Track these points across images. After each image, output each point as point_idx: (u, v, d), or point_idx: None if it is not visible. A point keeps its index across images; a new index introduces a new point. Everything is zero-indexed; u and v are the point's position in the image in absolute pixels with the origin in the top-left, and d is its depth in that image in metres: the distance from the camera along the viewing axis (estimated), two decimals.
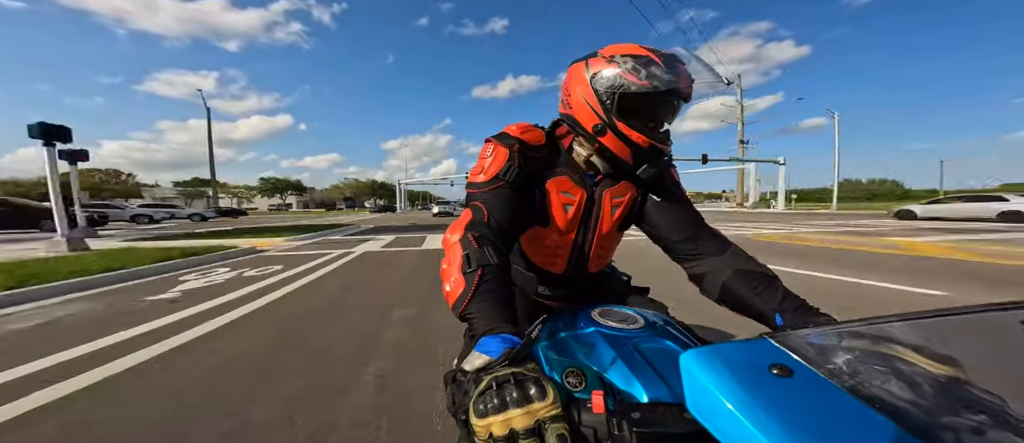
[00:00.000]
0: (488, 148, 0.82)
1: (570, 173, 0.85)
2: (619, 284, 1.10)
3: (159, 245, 7.53)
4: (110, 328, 2.90)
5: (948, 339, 0.43)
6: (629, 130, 0.75)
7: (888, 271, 4.74)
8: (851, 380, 0.36)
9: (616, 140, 0.77)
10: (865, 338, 0.44)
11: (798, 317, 0.67)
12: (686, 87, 0.73)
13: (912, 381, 0.35)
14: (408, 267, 5.72)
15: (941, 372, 0.36)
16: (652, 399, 0.53)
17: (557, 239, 0.90)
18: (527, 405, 0.41)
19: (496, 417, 0.41)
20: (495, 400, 0.42)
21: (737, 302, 0.76)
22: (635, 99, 0.74)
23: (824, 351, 0.42)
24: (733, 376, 0.38)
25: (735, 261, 0.79)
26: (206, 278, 4.92)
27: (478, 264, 0.62)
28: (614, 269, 1.16)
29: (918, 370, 0.37)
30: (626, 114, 0.75)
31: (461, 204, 60.57)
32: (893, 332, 0.44)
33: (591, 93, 0.77)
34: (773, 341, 0.43)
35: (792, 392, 0.35)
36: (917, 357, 0.38)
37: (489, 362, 0.47)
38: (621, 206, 0.87)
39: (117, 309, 3.52)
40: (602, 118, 0.76)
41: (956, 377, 0.36)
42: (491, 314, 0.57)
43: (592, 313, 0.77)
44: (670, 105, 0.78)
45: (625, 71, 0.72)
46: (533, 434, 0.39)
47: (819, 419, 0.32)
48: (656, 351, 0.64)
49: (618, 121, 0.75)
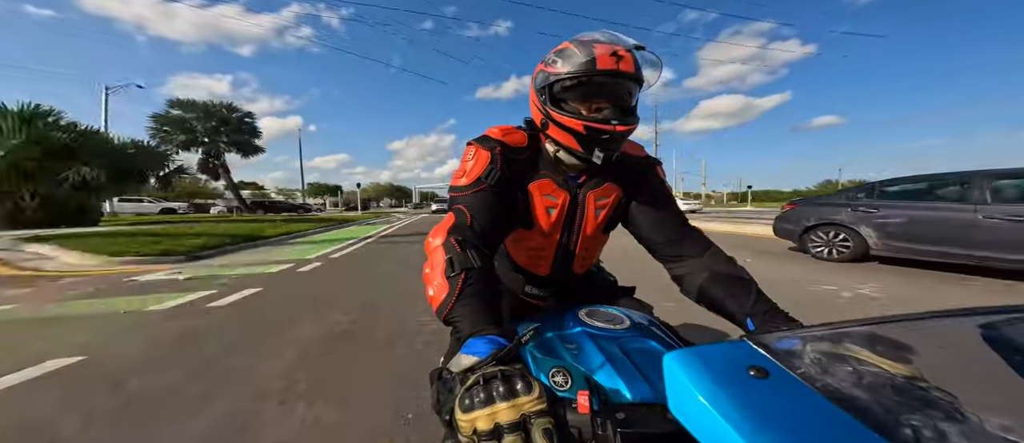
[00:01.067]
0: (470, 151, 0.83)
1: (553, 175, 0.85)
2: (605, 284, 1.12)
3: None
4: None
5: (909, 343, 0.46)
6: (564, 118, 0.76)
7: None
8: (822, 381, 0.38)
9: (557, 130, 0.79)
10: (835, 342, 0.47)
11: (768, 320, 0.68)
12: (607, 65, 0.71)
13: (876, 382, 0.38)
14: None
15: (902, 373, 0.39)
16: (637, 399, 0.55)
17: (541, 241, 0.91)
18: (513, 399, 0.41)
19: (482, 411, 0.41)
20: (482, 394, 0.42)
21: (713, 303, 0.78)
22: (561, 88, 0.77)
23: (798, 354, 0.44)
24: (712, 377, 0.39)
25: (713, 262, 0.81)
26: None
27: (461, 268, 0.62)
28: (601, 269, 1.18)
29: (881, 372, 0.39)
30: (559, 104, 0.78)
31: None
32: (860, 336, 0.47)
33: (533, 93, 0.84)
34: (751, 343, 0.45)
35: (767, 393, 0.37)
36: (881, 359, 0.41)
37: (476, 362, 0.47)
38: (605, 208, 0.88)
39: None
40: (542, 112, 0.80)
41: (915, 378, 0.39)
42: (476, 316, 0.57)
43: (579, 313, 0.78)
44: (599, 85, 0.75)
45: (546, 65, 0.79)
46: (518, 428, 0.40)
47: (792, 418, 0.34)
48: (641, 351, 0.66)
49: (552, 111, 0.78)
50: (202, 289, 4.16)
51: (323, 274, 5.28)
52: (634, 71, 0.74)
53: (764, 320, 0.69)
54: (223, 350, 2.47)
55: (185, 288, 4.25)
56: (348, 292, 4.13)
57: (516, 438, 0.39)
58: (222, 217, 23.65)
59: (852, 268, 4.98)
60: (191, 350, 2.46)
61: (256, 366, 2.21)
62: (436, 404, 0.46)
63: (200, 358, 2.33)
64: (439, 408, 0.45)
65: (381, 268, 5.68)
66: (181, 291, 4.08)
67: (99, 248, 6.45)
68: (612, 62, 0.72)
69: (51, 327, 2.97)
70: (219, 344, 2.56)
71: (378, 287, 4.34)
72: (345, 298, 3.84)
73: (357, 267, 5.79)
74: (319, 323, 2.99)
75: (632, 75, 0.74)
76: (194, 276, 4.95)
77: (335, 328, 2.88)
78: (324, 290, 4.25)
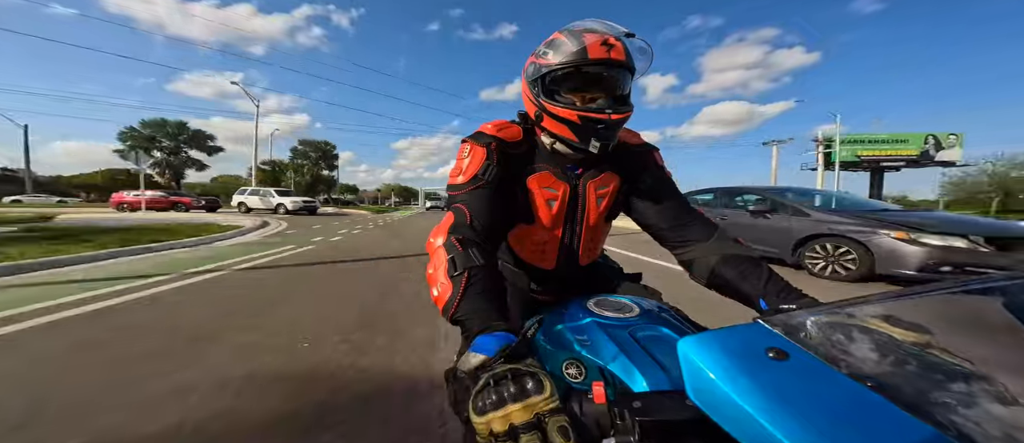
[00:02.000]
0: (465, 149, 0.81)
1: (551, 167, 0.84)
2: (611, 273, 1.11)
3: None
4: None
5: (932, 317, 0.45)
6: (558, 109, 0.75)
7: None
8: (844, 359, 0.37)
9: (552, 122, 0.78)
10: (854, 319, 0.45)
11: (781, 300, 0.68)
12: (599, 54, 0.71)
13: (902, 359, 0.37)
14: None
15: (928, 349, 0.38)
16: (652, 387, 0.54)
17: (544, 235, 0.90)
18: (524, 399, 0.41)
19: (495, 413, 0.41)
20: (493, 396, 0.42)
21: (725, 286, 0.77)
22: (552, 79, 0.76)
23: (817, 333, 0.43)
24: (731, 361, 0.38)
25: (722, 246, 0.80)
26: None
27: (464, 267, 0.61)
28: (606, 258, 1.17)
29: (907, 348, 0.38)
30: (552, 95, 0.77)
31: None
32: (879, 312, 0.46)
33: (525, 86, 0.83)
34: (767, 325, 0.44)
35: (789, 374, 0.36)
36: (905, 334, 0.40)
37: (485, 360, 0.46)
38: (606, 197, 0.86)
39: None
40: (536, 105, 0.79)
41: (942, 352, 0.37)
42: (483, 314, 0.57)
43: (588, 303, 0.77)
44: (592, 74, 0.74)
45: (537, 57, 0.78)
46: (534, 428, 0.39)
47: (817, 400, 0.33)
48: (653, 338, 0.65)
49: (546, 103, 0.77)
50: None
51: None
52: (625, 59, 0.73)
53: (778, 299, 0.68)
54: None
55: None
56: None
57: (532, 437, 0.38)
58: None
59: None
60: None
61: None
62: (453, 403, 0.46)
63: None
64: (456, 408, 0.45)
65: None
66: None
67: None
68: (603, 51, 0.71)
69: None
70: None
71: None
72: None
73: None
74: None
75: (623, 63, 0.73)
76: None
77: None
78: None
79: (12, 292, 3.36)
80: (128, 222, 10.32)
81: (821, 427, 0.30)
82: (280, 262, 5.33)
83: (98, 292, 3.38)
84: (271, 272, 4.66)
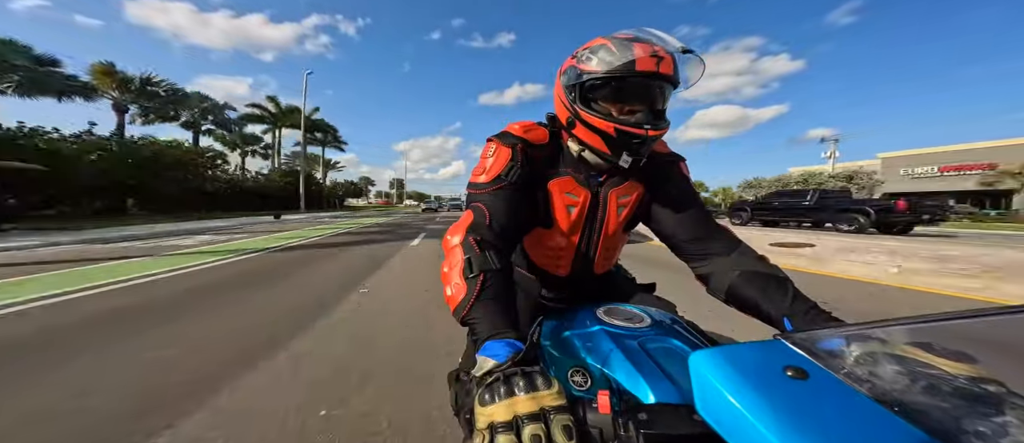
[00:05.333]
0: (490, 148, 0.81)
1: (574, 173, 0.83)
2: (625, 283, 1.09)
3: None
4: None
5: (967, 341, 0.42)
6: (594, 118, 0.73)
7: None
8: (869, 382, 0.35)
9: (585, 130, 0.76)
10: (881, 341, 0.43)
11: (809, 321, 0.64)
12: (647, 67, 0.68)
13: (932, 383, 0.34)
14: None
15: (961, 374, 0.35)
16: (659, 400, 0.52)
17: (561, 241, 0.88)
18: (533, 392, 0.41)
19: (501, 403, 0.40)
20: (502, 389, 0.42)
21: (744, 303, 0.73)
22: (593, 87, 0.73)
23: (840, 353, 0.41)
24: (746, 378, 0.37)
25: (743, 261, 0.76)
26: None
27: (479, 269, 0.61)
28: (620, 268, 1.15)
29: (939, 373, 0.35)
30: (589, 103, 0.75)
31: (441, 200, 61.77)
32: (910, 334, 0.43)
33: (560, 89, 0.80)
34: (787, 343, 0.42)
35: (807, 394, 0.34)
36: (936, 359, 0.37)
37: (495, 366, 0.46)
38: (628, 206, 0.85)
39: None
40: (570, 110, 0.77)
41: (976, 378, 0.35)
42: (494, 319, 0.56)
43: (597, 312, 0.76)
44: (635, 87, 0.72)
45: (578, 61, 0.75)
46: (538, 419, 0.39)
47: (836, 422, 0.31)
48: (663, 350, 0.63)
49: (581, 111, 0.74)
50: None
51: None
52: (672, 73, 0.70)
53: (805, 320, 0.64)
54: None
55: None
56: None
57: (536, 428, 0.38)
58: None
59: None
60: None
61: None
62: (455, 406, 0.46)
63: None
64: (458, 410, 0.45)
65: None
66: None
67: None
68: (652, 64, 0.68)
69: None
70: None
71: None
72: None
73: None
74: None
75: (670, 77, 0.70)
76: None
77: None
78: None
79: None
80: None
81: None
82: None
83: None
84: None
